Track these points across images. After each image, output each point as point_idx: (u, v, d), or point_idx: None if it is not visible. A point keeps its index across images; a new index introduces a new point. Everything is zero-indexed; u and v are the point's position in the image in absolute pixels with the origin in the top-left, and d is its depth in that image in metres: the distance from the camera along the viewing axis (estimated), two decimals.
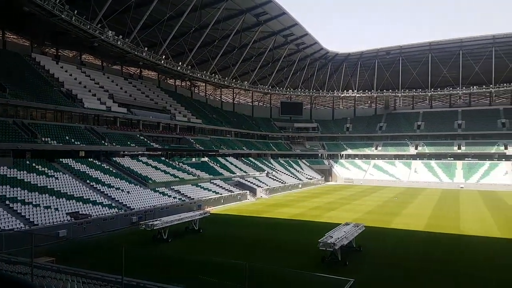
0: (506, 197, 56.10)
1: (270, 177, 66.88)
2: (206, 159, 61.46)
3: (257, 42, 71.34)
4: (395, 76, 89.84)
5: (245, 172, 64.07)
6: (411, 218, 37.96)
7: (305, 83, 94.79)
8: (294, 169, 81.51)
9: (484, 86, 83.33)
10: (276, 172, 73.20)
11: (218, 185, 51.91)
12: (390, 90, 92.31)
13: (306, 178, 77.76)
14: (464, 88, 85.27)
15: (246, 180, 59.22)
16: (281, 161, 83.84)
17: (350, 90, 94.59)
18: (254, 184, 58.37)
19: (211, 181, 52.72)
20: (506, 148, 78.04)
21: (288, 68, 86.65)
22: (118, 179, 40.75)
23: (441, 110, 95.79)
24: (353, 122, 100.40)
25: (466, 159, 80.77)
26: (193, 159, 58.85)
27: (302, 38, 77.43)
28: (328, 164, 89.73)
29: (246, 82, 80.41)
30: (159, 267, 19.36)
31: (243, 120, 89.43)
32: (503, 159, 77.26)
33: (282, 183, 65.86)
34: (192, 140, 62.94)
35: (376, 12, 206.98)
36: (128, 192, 38.55)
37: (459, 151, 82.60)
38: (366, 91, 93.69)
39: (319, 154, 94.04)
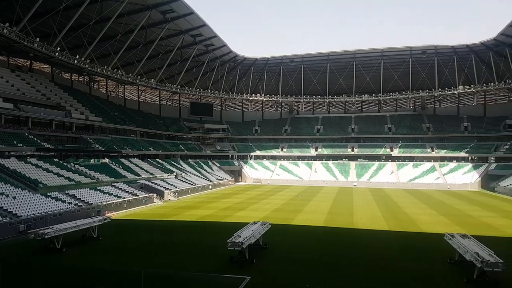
0: (391, 194, 63.61)
1: (179, 179, 65.17)
2: (107, 160, 57.25)
3: (164, 40, 69.07)
4: (298, 83, 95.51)
5: (151, 174, 61.35)
6: (312, 214, 40.50)
7: (215, 85, 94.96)
8: (205, 170, 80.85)
9: (373, 94, 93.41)
10: (186, 173, 71.67)
11: (121, 188, 48.68)
12: (294, 96, 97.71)
13: (217, 179, 77.74)
14: (357, 96, 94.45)
15: (153, 183, 56.72)
16: (191, 162, 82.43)
17: (258, 94, 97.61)
18: (162, 186, 56.22)
19: (113, 184, 49.21)
20: (391, 150, 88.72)
21: (197, 69, 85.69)
22: (2, 183, 35.48)
23: (338, 116, 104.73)
24: (261, 125, 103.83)
25: (358, 160, 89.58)
26: (92, 161, 54.33)
27: (211, 40, 77.35)
28: (238, 165, 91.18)
29: (152, 80, 77.17)
30: (50, 280, 17.21)
31: (150, 119, 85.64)
32: (389, 160, 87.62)
33: (192, 184, 64.69)
34: (90, 140, 58.06)
35: (288, 19, 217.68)
36: (14, 197, 33.79)
37: (352, 152, 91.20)
38: (273, 95, 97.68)
39: (230, 155, 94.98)
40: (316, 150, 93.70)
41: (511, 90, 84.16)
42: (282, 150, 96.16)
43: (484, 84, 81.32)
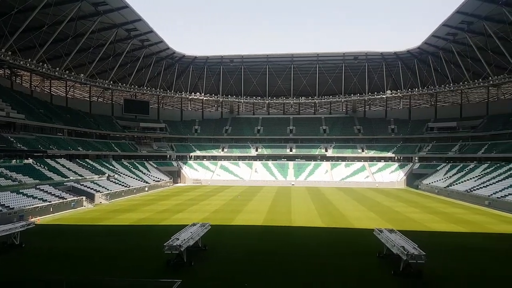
0: (326, 192, 66.39)
1: (111, 181, 61.72)
2: (30, 161, 52.45)
3: (96, 33, 65.04)
4: (239, 83, 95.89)
5: (80, 175, 57.39)
6: (252, 214, 40.76)
7: (152, 82, 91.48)
8: (140, 171, 77.49)
9: (310, 97, 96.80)
10: (119, 175, 68.10)
11: (47, 191, 44.85)
12: (234, 96, 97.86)
13: (154, 180, 74.94)
14: (294, 98, 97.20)
15: (82, 185, 53.07)
16: (125, 163, 78.49)
17: (198, 93, 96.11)
18: (92, 188, 52.81)
19: (37, 187, 45.17)
20: (326, 151, 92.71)
21: (132, 64, 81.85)
22: None
23: (277, 117, 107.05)
24: (202, 124, 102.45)
25: (296, 160, 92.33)
26: (13, 161, 49.43)
27: (147, 35, 74.50)
28: (177, 165, 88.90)
29: (82, 75, 72.13)
30: None
31: (79, 117, 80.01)
32: (324, 160, 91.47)
33: (126, 186, 61.65)
34: (11, 139, 52.83)
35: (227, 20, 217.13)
36: None
37: (290, 153, 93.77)
38: (213, 95, 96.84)
39: (168, 156, 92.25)
40: (256, 151, 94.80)
41: (432, 96, 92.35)
42: (222, 150, 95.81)
43: (409, 89, 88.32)
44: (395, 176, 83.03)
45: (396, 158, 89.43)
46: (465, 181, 64.23)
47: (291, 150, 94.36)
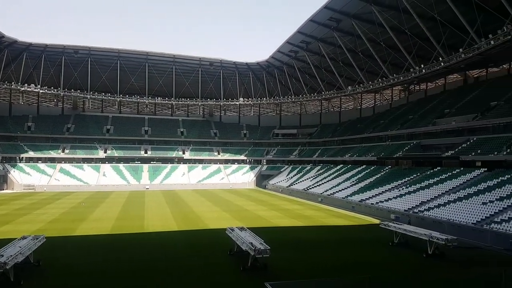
0: (183, 195, 65.97)
1: None
2: None
3: None
4: (85, 77, 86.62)
5: None
6: (98, 222, 37.24)
7: None
8: None
9: (166, 98, 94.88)
10: None
11: None
12: (79, 91, 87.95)
13: None
14: (150, 98, 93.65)
15: None
16: None
17: (33, 85, 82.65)
18: None
19: None
20: (183, 153, 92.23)
21: None
22: None
23: (130, 116, 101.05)
24: (36, 121, 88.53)
25: (151, 162, 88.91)
26: None
27: None
28: (3, 169, 74.21)
29: None
30: None
31: None
32: (181, 162, 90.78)
33: None
34: None
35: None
36: None
37: (145, 155, 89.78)
38: (52, 88, 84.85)
39: None
40: (105, 152, 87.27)
41: (278, 105, 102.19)
42: (63, 151, 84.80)
43: (259, 98, 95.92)
44: (246, 177, 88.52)
45: (247, 160, 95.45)
46: (303, 181, 73.10)
47: (146, 152, 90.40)
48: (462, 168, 43.82)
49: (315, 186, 65.20)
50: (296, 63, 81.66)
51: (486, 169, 40.68)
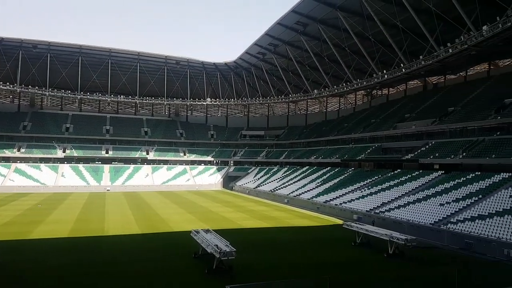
0: (146, 196, 64.23)
1: None
2: None
3: None
4: (43, 73, 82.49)
5: None
6: (56, 225, 35.46)
7: None
8: None
9: (130, 96, 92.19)
10: None
11: None
12: (37, 87, 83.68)
13: None
14: (112, 96, 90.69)
15: None
16: None
17: None
18: None
19: None
20: (147, 154, 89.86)
21: None
22: None
23: (91, 115, 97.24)
24: None
25: (113, 163, 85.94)
26: None
27: None
28: None
29: None
30: None
31: None
32: (145, 163, 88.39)
33: None
34: None
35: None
36: None
37: (107, 155, 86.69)
38: (8, 83, 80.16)
39: None
40: (64, 152, 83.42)
41: (246, 106, 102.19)
42: (19, 150, 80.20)
43: (227, 99, 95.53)
44: (213, 179, 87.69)
45: (214, 161, 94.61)
46: (270, 182, 73.44)
47: (107, 152, 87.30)
48: (421, 171, 45.65)
49: (282, 188, 65.68)
50: (264, 65, 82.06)
51: (443, 171, 42.61)
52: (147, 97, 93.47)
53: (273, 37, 69.29)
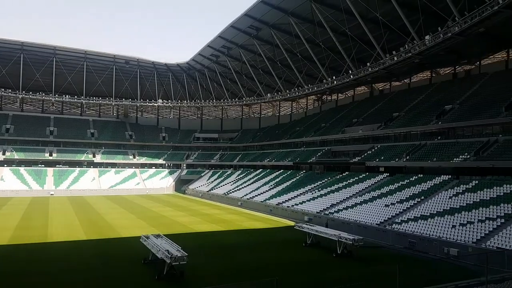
0: (92, 201, 61.22)
1: None
2: None
3: None
4: None
5: None
6: None
7: None
8: None
9: (76, 96, 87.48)
10: None
11: None
12: None
13: None
14: (57, 95, 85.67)
15: None
16: None
17: None
18: None
19: None
20: (94, 156, 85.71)
21: None
22: None
23: (34, 115, 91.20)
24: None
25: (57, 166, 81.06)
26: None
27: None
28: None
29: None
30: None
31: None
32: (92, 166, 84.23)
33: None
34: None
35: None
36: None
37: (50, 158, 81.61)
38: None
39: None
40: (4, 154, 77.26)
41: (199, 109, 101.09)
42: None
43: (179, 101, 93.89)
44: (165, 182, 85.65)
45: (166, 165, 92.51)
46: (224, 185, 73.22)
47: (51, 155, 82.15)
48: (367, 173, 47.86)
49: (235, 191, 65.71)
50: (218, 67, 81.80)
51: (388, 174, 44.98)
52: (94, 97, 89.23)
53: (227, 40, 69.32)
